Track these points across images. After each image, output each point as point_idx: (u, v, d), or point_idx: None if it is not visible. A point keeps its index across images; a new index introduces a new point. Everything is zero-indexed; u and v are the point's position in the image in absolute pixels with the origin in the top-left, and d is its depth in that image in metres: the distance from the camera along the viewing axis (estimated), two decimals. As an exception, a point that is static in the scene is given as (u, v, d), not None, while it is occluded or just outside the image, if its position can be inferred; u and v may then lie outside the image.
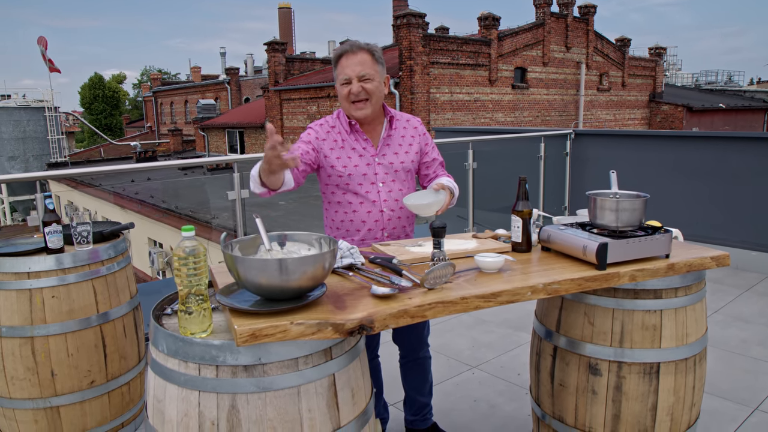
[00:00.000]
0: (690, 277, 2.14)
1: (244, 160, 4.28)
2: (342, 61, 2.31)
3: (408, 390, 2.73)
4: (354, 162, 2.35)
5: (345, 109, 2.37)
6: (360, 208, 2.36)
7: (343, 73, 2.30)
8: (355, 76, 2.28)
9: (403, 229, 2.45)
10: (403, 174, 2.42)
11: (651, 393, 2.12)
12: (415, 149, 2.46)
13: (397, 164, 2.40)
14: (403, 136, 2.45)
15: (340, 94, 2.34)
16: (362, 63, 2.28)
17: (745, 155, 5.62)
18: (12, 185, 23.72)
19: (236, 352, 1.51)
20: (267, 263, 1.53)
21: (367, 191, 2.35)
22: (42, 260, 2.48)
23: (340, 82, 2.32)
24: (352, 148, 2.36)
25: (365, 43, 2.32)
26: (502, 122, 20.07)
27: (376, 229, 2.38)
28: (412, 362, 2.66)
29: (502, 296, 1.77)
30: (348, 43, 2.32)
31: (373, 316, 1.57)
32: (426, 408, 2.74)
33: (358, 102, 2.31)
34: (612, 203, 2.05)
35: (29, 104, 31.61)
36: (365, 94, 2.29)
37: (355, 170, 2.34)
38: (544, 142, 6.57)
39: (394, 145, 2.42)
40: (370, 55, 2.30)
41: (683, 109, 25.14)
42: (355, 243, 2.37)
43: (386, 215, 2.38)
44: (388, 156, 2.40)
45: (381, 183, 2.37)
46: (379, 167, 2.37)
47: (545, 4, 20.79)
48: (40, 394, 2.51)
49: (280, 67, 22.39)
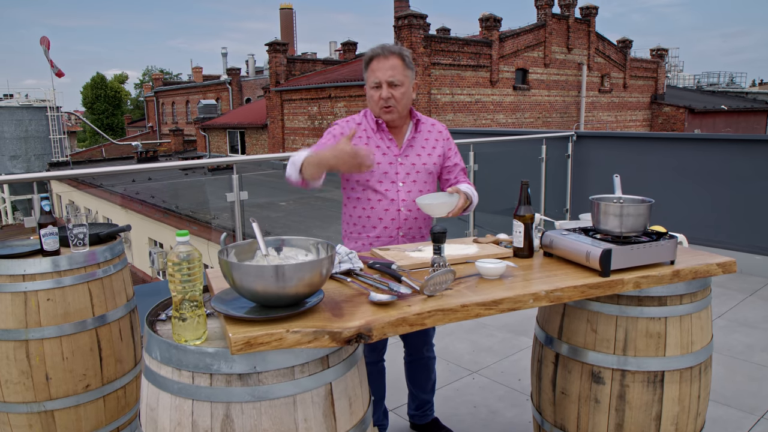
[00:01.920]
0: (695, 284, 2.10)
1: (243, 162, 4.25)
2: (373, 65, 2.34)
3: (411, 387, 2.81)
4: (377, 159, 2.37)
5: (373, 111, 2.42)
6: (378, 205, 2.39)
7: (374, 76, 2.33)
8: (385, 81, 2.31)
9: (419, 230, 2.47)
10: (424, 175, 2.45)
11: (655, 402, 2.08)
12: (438, 152, 2.50)
13: (419, 165, 2.44)
14: (426, 139, 2.49)
15: (371, 97, 2.38)
16: (393, 68, 2.31)
17: (749, 158, 5.58)
18: (14, 184, 23.74)
19: (231, 360, 1.47)
20: (263, 269, 1.50)
21: (387, 189, 2.39)
22: (37, 262, 2.44)
23: (370, 84, 2.36)
24: (376, 146, 2.40)
25: (397, 47, 2.35)
26: (503, 124, 20.04)
27: (392, 227, 2.41)
28: (417, 361, 2.73)
29: (503, 304, 1.73)
30: (380, 46, 2.36)
31: (371, 324, 1.54)
32: (428, 404, 2.84)
33: (387, 107, 2.35)
34: (616, 208, 2.02)
35: (31, 104, 31.67)
36: (394, 101, 2.33)
37: (377, 167, 2.37)
38: (546, 144, 6.54)
39: (418, 146, 2.46)
40: (401, 60, 2.33)
41: (685, 110, 25.09)
42: (370, 240, 2.42)
43: (403, 215, 2.40)
44: (411, 157, 2.44)
45: (401, 182, 2.40)
46: (401, 167, 2.41)
47: (546, 6, 20.76)
48: (35, 398, 2.47)
49: (282, 68, 22.38)
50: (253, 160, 6.96)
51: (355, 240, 2.46)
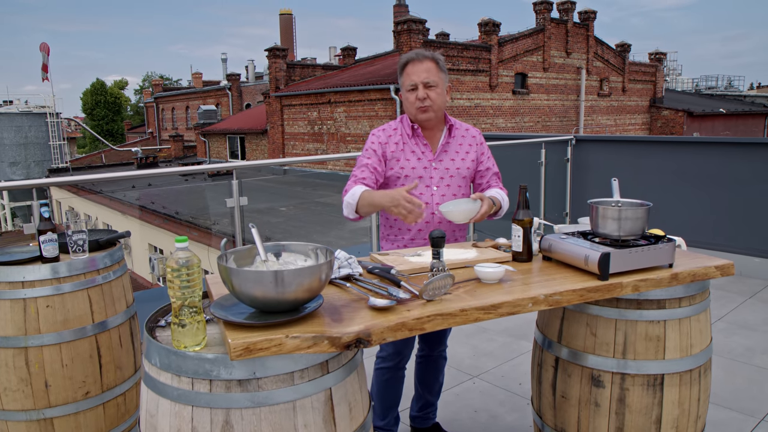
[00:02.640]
0: (694, 287, 2.10)
1: (243, 167, 4.25)
2: (408, 69, 2.42)
3: (419, 386, 2.81)
4: (412, 164, 2.45)
5: (410, 114, 2.48)
6: None
7: (409, 79, 2.41)
8: (420, 83, 2.39)
9: (452, 233, 2.53)
10: (458, 180, 2.50)
11: (655, 405, 2.08)
12: (471, 157, 2.56)
13: (453, 170, 2.49)
14: (460, 144, 2.55)
15: (407, 99, 2.45)
16: (428, 71, 2.39)
17: (747, 161, 5.59)
18: (13, 190, 23.75)
19: (230, 366, 1.47)
20: (262, 275, 1.50)
21: (421, 193, 2.44)
22: (37, 269, 2.44)
23: (406, 88, 2.43)
24: (411, 151, 2.47)
25: (430, 53, 2.44)
26: (502, 128, 20.07)
27: (426, 230, 2.45)
28: (429, 358, 2.74)
29: (502, 308, 1.73)
30: (414, 51, 2.44)
31: (370, 329, 1.54)
32: (431, 407, 2.84)
33: (424, 107, 2.41)
34: (614, 212, 2.02)
35: (31, 110, 31.69)
36: (429, 101, 2.40)
37: (412, 172, 2.44)
38: (545, 148, 6.54)
39: (452, 151, 2.52)
40: (434, 64, 2.41)
41: (684, 114, 25.13)
42: (405, 241, 2.49)
43: (437, 218, 2.45)
44: (445, 161, 2.49)
45: (435, 187, 2.46)
46: (435, 171, 2.47)
47: (545, 10, 20.82)
48: (34, 405, 2.47)
49: (281, 73, 22.41)
50: (253, 165, 6.97)
51: (392, 242, 2.54)
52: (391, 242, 2.55)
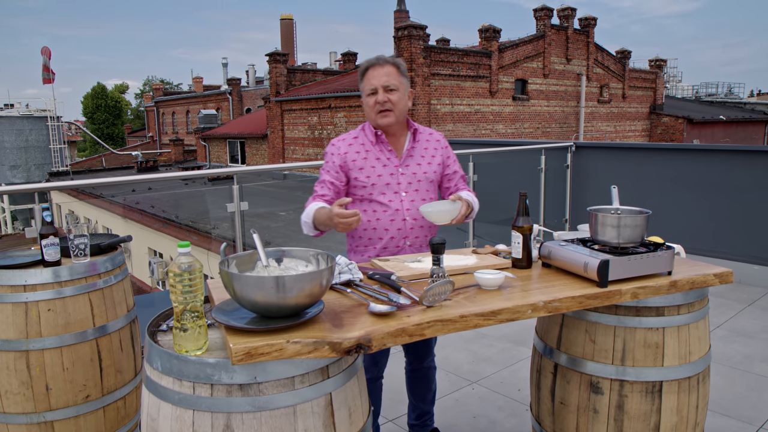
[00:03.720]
0: (693, 294, 2.11)
1: (244, 172, 4.26)
2: (369, 73, 2.40)
3: (412, 397, 2.80)
4: (378, 171, 2.42)
5: (371, 120, 2.45)
6: (383, 216, 2.41)
7: (369, 84, 2.39)
8: (380, 86, 2.37)
9: (425, 238, 2.50)
10: (426, 184, 2.49)
11: (653, 412, 2.09)
12: (437, 161, 2.54)
13: (420, 174, 2.47)
14: (426, 149, 2.53)
15: (367, 104, 2.42)
16: (388, 74, 2.38)
17: (747, 169, 5.61)
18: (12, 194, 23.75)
19: (231, 371, 1.48)
20: (263, 280, 1.51)
21: (390, 200, 2.41)
22: (38, 273, 2.45)
23: (366, 93, 2.41)
24: (376, 158, 2.44)
25: (391, 57, 2.42)
26: (502, 134, 20.10)
27: (398, 237, 2.43)
28: (418, 371, 2.73)
29: (501, 314, 1.75)
30: (374, 57, 2.43)
31: (370, 334, 1.55)
32: (427, 415, 2.83)
33: (384, 111, 2.39)
34: (613, 219, 2.03)
35: (32, 114, 31.74)
36: (390, 105, 2.38)
37: (379, 180, 2.41)
38: (545, 154, 6.56)
39: (417, 156, 2.50)
40: (395, 68, 2.40)
41: (684, 121, 25.17)
42: (377, 251, 2.44)
43: (409, 224, 2.43)
44: (411, 167, 2.47)
45: (404, 192, 2.43)
46: (402, 177, 2.44)
47: (546, 16, 20.88)
48: (35, 408, 2.47)
49: (282, 78, 22.46)
50: (254, 170, 6.98)
51: (362, 253, 2.47)
52: (360, 254, 2.49)
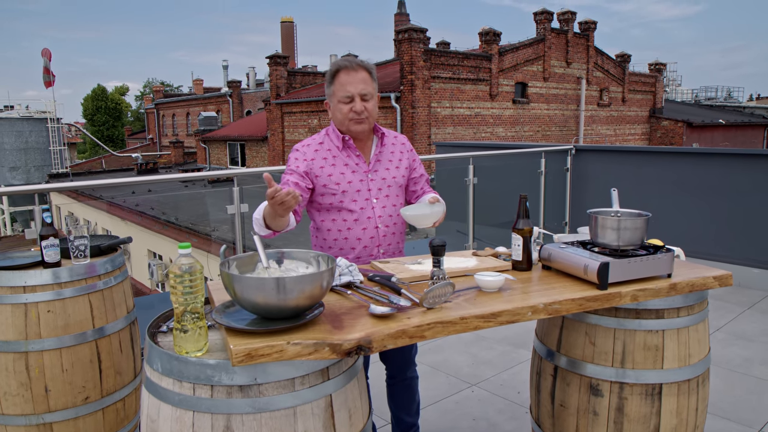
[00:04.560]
0: (692, 297, 2.11)
1: (244, 174, 4.27)
2: (341, 78, 2.28)
3: (395, 410, 2.67)
4: (348, 178, 2.32)
5: (340, 125, 2.34)
6: (355, 225, 2.33)
7: (343, 90, 2.27)
8: (357, 94, 2.27)
9: (397, 245, 2.45)
10: (395, 189, 2.41)
11: (653, 415, 2.09)
12: (404, 165, 2.47)
13: (389, 179, 2.40)
14: (392, 152, 2.45)
15: (339, 110, 2.30)
16: (364, 81, 2.28)
17: (747, 172, 5.61)
18: (12, 195, 23.79)
19: (231, 372, 1.48)
20: (264, 282, 1.51)
21: (362, 207, 2.33)
22: (38, 274, 2.45)
23: (339, 98, 2.29)
24: (344, 164, 2.34)
25: (362, 61, 2.31)
26: (502, 137, 20.11)
27: (371, 246, 2.36)
28: (400, 383, 2.61)
29: (502, 316, 1.75)
30: (344, 59, 2.32)
31: (371, 336, 1.55)
32: (413, 428, 2.69)
33: (360, 119, 2.30)
34: (613, 222, 2.04)
35: (32, 115, 31.74)
36: (366, 113, 2.29)
37: (349, 186, 2.32)
38: (545, 157, 6.56)
39: (385, 161, 2.42)
40: (368, 74, 2.30)
41: (683, 124, 25.19)
42: (350, 260, 2.34)
43: (381, 231, 2.36)
44: (380, 171, 2.39)
45: (375, 199, 2.35)
46: (372, 183, 2.36)
47: (546, 20, 20.91)
48: (33, 410, 2.47)
49: (282, 81, 22.49)
50: (254, 172, 6.99)
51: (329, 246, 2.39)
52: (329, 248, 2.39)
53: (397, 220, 2.40)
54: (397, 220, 2.40)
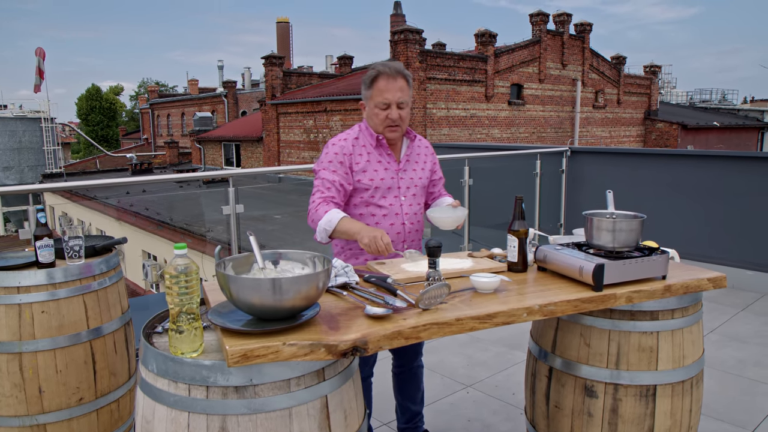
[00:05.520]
0: (687, 299, 2.12)
1: (239, 175, 4.26)
2: (380, 84, 2.36)
3: (401, 399, 2.78)
4: (380, 175, 2.43)
5: (375, 128, 2.43)
6: (383, 220, 2.43)
7: (382, 96, 2.35)
8: (395, 102, 2.36)
9: (418, 242, 2.55)
10: (420, 189, 2.54)
11: (647, 416, 2.10)
12: (428, 167, 2.60)
13: (416, 179, 2.52)
14: (418, 154, 2.58)
15: (376, 115, 2.39)
16: (401, 90, 2.36)
17: (741, 174, 5.64)
18: (5, 195, 23.66)
19: (227, 373, 1.48)
20: (260, 282, 1.51)
21: (391, 203, 2.44)
22: (32, 275, 2.44)
23: (376, 103, 2.37)
24: (377, 161, 2.44)
25: (401, 67, 2.39)
26: (498, 138, 20.14)
27: (397, 241, 2.45)
28: (407, 372, 2.71)
29: (497, 317, 1.75)
30: (384, 64, 2.39)
31: (366, 337, 1.55)
32: (418, 416, 2.81)
33: (394, 127, 2.40)
34: (609, 224, 2.04)
35: (25, 115, 31.61)
36: (400, 121, 2.39)
37: (381, 183, 2.42)
38: (540, 159, 6.58)
39: (413, 161, 2.54)
40: (406, 82, 2.39)
41: (678, 126, 25.29)
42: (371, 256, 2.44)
43: (407, 228, 2.47)
44: (409, 172, 2.51)
45: (403, 197, 2.47)
46: (401, 181, 2.47)
47: (541, 22, 20.96)
48: (27, 411, 2.46)
49: (278, 81, 22.46)
50: (249, 173, 6.97)
51: (356, 257, 2.46)
52: (356, 257, 2.47)
53: (420, 218, 2.52)
54: (420, 218, 2.53)
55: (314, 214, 2.29)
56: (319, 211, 2.28)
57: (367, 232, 2.13)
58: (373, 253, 2.11)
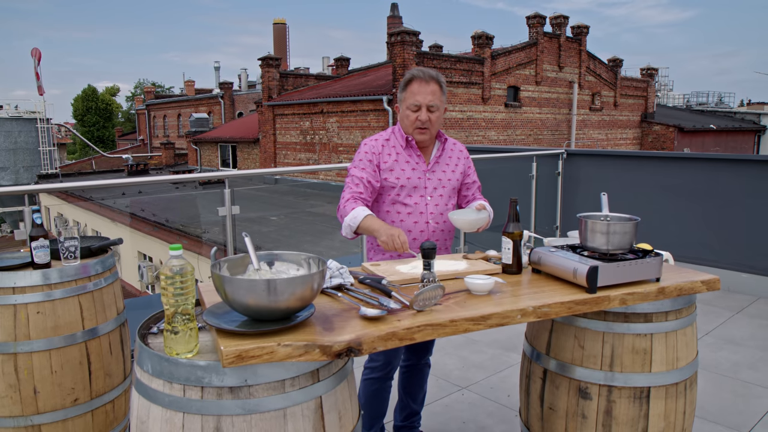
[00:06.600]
0: (680, 301, 2.13)
1: (236, 176, 4.26)
2: (413, 87, 2.45)
3: (403, 395, 2.80)
4: (407, 174, 2.50)
5: (406, 130, 2.53)
6: (407, 218, 2.49)
7: (413, 98, 2.45)
8: (425, 104, 2.44)
9: (444, 242, 2.59)
10: (449, 190, 2.59)
11: (641, 418, 2.11)
12: (460, 170, 2.65)
13: (444, 181, 2.57)
14: (450, 157, 2.64)
15: (407, 116, 2.48)
16: (433, 93, 2.45)
17: (736, 177, 5.66)
18: (0, 196, 23.59)
19: (222, 374, 1.48)
20: (255, 283, 1.52)
21: (416, 202, 2.50)
22: (28, 275, 2.44)
23: (408, 105, 2.47)
24: (406, 161, 2.52)
25: (436, 73, 2.49)
26: (494, 140, 20.18)
27: (420, 239, 2.51)
28: (414, 367, 2.75)
29: (491, 319, 1.76)
30: (419, 69, 2.49)
31: (361, 338, 1.55)
32: (416, 416, 2.84)
33: (423, 129, 2.48)
34: (603, 226, 2.05)
35: (21, 115, 31.53)
36: (429, 124, 2.47)
37: (408, 182, 2.50)
38: (537, 161, 6.59)
39: (443, 163, 2.60)
40: (439, 87, 2.47)
41: (674, 129, 25.37)
42: None
43: (431, 227, 2.52)
44: (437, 173, 2.57)
45: (429, 196, 2.53)
46: (429, 182, 2.54)
47: (538, 24, 21.02)
48: (22, 411, 2.46)
49: (274, 83, 22.46)
50: (245, 174, 6.97)
51: (383, 252, 2.56)
52: (381, 253, 2.58)
53: (447, 218, 2.55)
54: (448, 218, 2.56)
55: (342, 210, 2.41)
56: (347, 207, 2.38)
57: (385, 230, 2.22)
58: (389, 250, 2.20)
